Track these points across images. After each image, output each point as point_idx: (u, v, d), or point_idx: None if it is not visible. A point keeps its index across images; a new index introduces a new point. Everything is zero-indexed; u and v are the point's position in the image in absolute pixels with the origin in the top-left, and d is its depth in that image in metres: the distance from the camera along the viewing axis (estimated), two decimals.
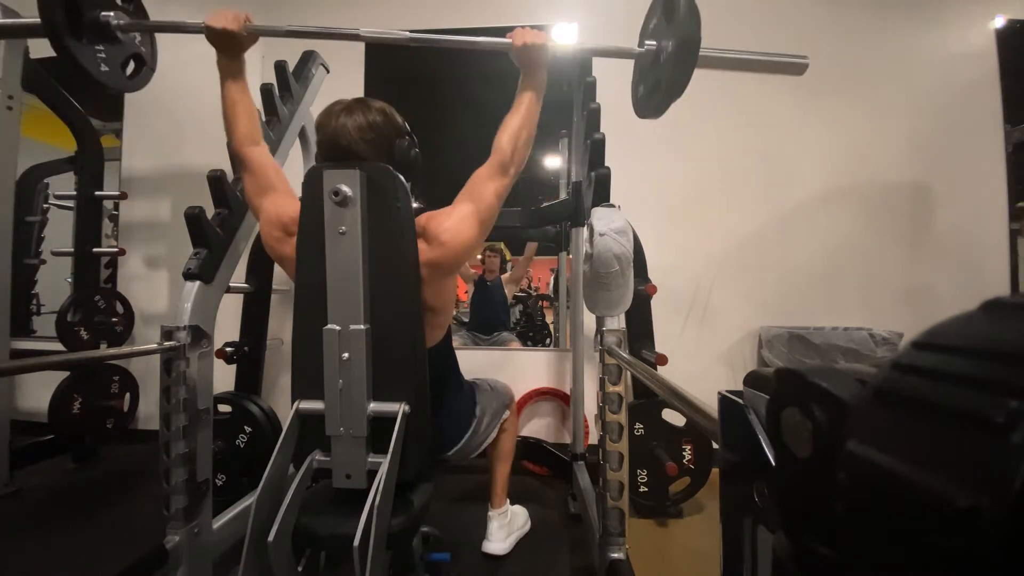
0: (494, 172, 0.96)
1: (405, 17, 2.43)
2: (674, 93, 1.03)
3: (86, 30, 1.08)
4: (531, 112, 1.01)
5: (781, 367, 0.26)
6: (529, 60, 1.00)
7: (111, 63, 1.16)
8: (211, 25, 0.99)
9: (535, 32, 0.99)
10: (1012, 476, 0.12)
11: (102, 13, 1.10)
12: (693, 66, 0.99)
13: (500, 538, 1.42)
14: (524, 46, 0.98)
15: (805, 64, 1.09)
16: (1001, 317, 0.16)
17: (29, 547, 1.48)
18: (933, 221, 2.20)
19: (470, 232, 0.93)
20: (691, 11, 0.97)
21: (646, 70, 1.12)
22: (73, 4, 1.05)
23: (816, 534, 0.21)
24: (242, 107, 1.03)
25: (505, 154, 0.96)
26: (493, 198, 0.96)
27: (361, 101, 0.93)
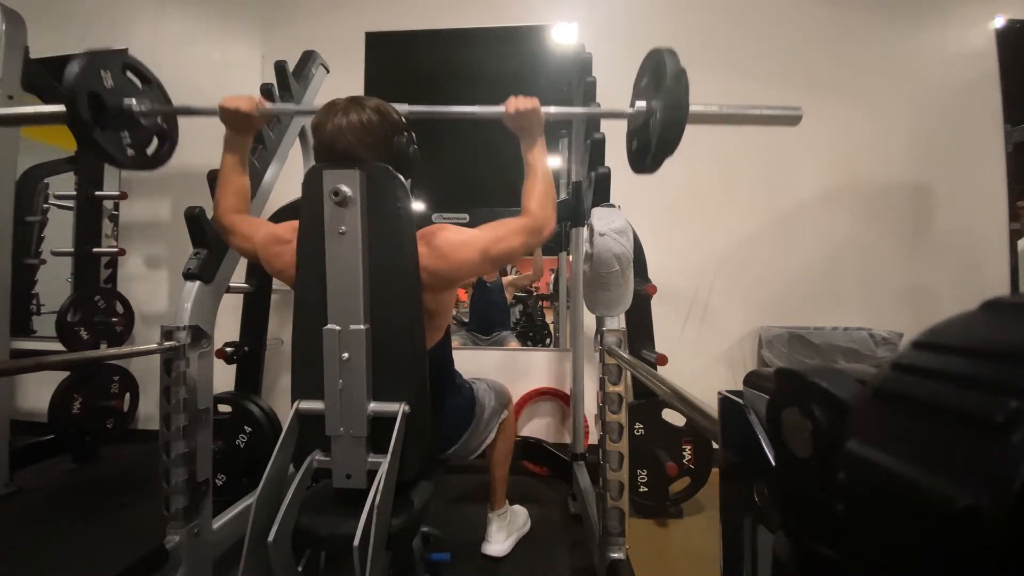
0: (527, 230, 0.98)
1: (406, 17, 2.43)
2: (666, 152, 1.06)
3: (111, 120, 1.13)
4: (546, 173, 1.04)
5: (781, 367, 0.26)
6: (522, 124, 1.04)
7: (136, 146, 1.21)
8: (225, 106, 1.04)
9: (526, 98, 1.03)
10: (1012, 476, 0.12)
11: (125, 101, 1.16)
12: (683, 128, 1.02)
13: (500, 539, 1.42)
14: (516, 112, 1.03)
15: (798, 116, 1.13)
16: (1001, 317, 0.16)
17: (29, 547, 1.48)
18: (933, 221, 2.20)
19: (468, 257, 0.94)
20: (678, 78, 1.00)
21: (639, 129, 1.15)
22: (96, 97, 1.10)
23: (816, 534, 0.21)
24: (236, 184, 1.07)
25: (538, 218, 0.98)
26: (520, 247, 0.97)
27: (355, 101, 0.92)
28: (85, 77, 1.07)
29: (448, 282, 0.97)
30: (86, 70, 1.07)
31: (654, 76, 1.07)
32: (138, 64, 1.22)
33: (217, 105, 1.05)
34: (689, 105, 1.01)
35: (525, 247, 0.98)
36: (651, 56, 1.09)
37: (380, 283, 0.88)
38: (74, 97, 1.05)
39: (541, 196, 1.00)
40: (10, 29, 1.77)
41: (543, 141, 1.06)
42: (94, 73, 1.09)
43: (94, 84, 1.09)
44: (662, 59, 1.02)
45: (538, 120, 1.04)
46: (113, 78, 1.14)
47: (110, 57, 1.15)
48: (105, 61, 1.13)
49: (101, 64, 1.11)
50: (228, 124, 1.06)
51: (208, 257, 1.28)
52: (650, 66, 1.10)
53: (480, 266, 0.96)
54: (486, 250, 0.94)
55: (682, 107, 1.00)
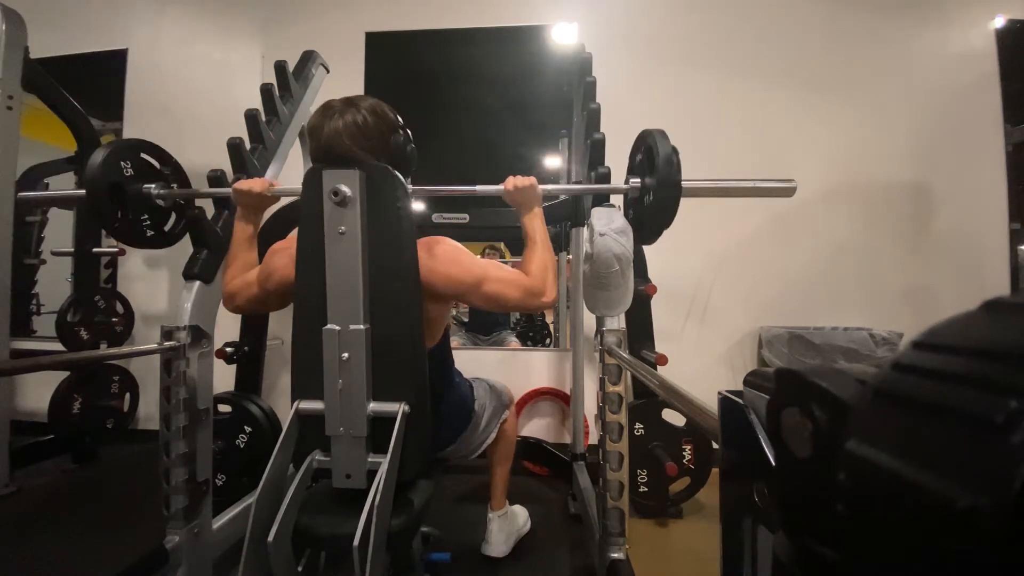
0: (527, 290, 0.98)
1: (406, 15, 2.42)
2: (662, 228, 1.12)
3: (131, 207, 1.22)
4: (547, 248, 1.07)
5: (781, 367, 0.26)
6: (520, 200, 1.11)
7: (155, 227, 1.29)
8: (239, 188, 1.10)
9: (523, 177, 1.10)
10: (1012, 476, 0.12)
11: (143, 187, 1.24)
12: (676, 207, 1.08)
13: (500, 540, 1.42)
14: (515, 188, 1.10)
15: (793, 188, 1.16)
16: (1001, 317, 0.16)
17: (29, 547, 1.48)
18: (933, 221, 2.20)
19: (462, 276, 0.94)
20: (668, 160, 1.05)
21: (635, 201, 1.20)
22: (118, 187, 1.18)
23: (816, 534, 0.21)
24: (245, 262, 1.11)
25: (537, 282, 1.00)
26: (513, 300, 0.98)
27: (350, 102, 0.91)
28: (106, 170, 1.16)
29: (439, 295, 0.96)
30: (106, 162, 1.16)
31: (647, 156, 1.11)
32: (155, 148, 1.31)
33: (231, 188, 1.12)
34: (681, 183, 1.06)
35: (517, 304, 0.99)
36: (643, 137, 1.15)
37: (380, 283, 0.88)
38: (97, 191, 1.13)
39: (541, 267, 1.02)
40: (10, 29, 1.77)
41: (540, 211, 1.12)
42: (114, 164, 1.18)
43: (115, 175, 1.18)
44: (653, 141, 1.07)
45: (535, 196, 1.11)
46: (132, 167, 1.23)
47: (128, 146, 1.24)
48: (124, 151, 1.22)
49: (120, 155, 1.20)
50: (241, 204, 1.11)
51: (208, 257, 1.28)
52: (643, 146, 1.15)
53: (467, 293, 0.96)
54: (480, 281, 0.95)
55: (674, 188, 1.05)
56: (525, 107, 2.64)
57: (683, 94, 2.24)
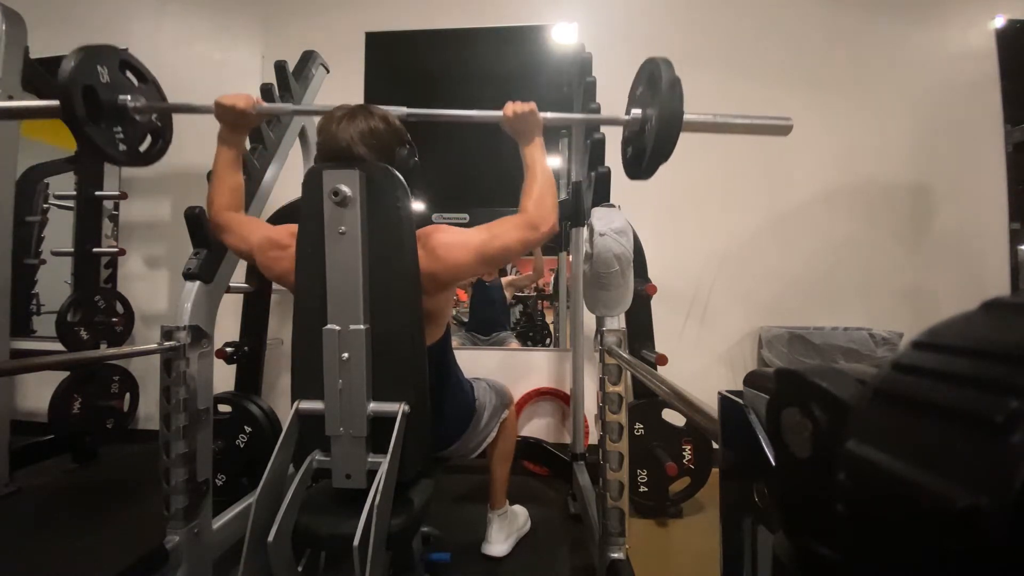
0: (523, 225, 0.97)
1: (406, 15, 2.43)
2: (660, 159, 1.08)
3: (105, 115, 1.13)
4: (546, 175, 1.04)
5: (781, 367, 0.26)
6: (520, 128, 1.07)
7: (129, 142, 1.21)
8: (222, 103, 1.04)
9: (523, 103, 1.06)
10: (1012, 476, 0.12)
11: (119, 97, 1.15)
12: (677, 136, 1.04)
13: (500, 539, 1.42)
14: (514, 115, 1.05)
15: (789, 126, 1.15)
16: (1001, 317, 0.16)
17: (29, 547, 1.48)
18: (933, 221, 2.20)
19: (464, 258, 0.94)
20: (672, 86, 1.02)
21: (633, 136, 1.16)
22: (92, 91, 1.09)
23: (816, 534, 0.21)
24: (231, 182, 1.07)
25: (533, 216, 0.98)
26: (516, 244, 0.96)
27: (363, 108, 0.95)
28: (81, 71, 1.07)
29: (444, 284, 0.97)
30: (82, 64, 1.07)
31: (649, 85, 1.09)
32: (135, 62, 1.21)
33: (213, 103, 1.05)
34: (684, 113, 1.02)
35: (521, 244, 0.97)
36: (646, 65, 1.11)
37: (380, 283, 0.88)
38: (69, 90, 1.05)
39: (538, 195, 1.00)
40: (10, 29, 1.77)
41: (541, 142, 1.07)
42: (90, 68, 1.09)
43: (90, 78, 1.09)
44: (657, 68, 1.04)
45: (536, 123, 1.06)
46: (110, 74, 1.14)
47: (107, 53, 1.14)
48: (102, 56, 1.12)
49: (98, 59, 1.11)
50: (224, 122, 1.06)
51: (208, 257, 1.28)
52: (645, 75, 1.11)
53: (476, 267, 0.96)
54: (481, 250, 0.94)
55: (676, 115, 1.02)
56: None
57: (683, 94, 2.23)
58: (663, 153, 1.06)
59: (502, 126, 1.08)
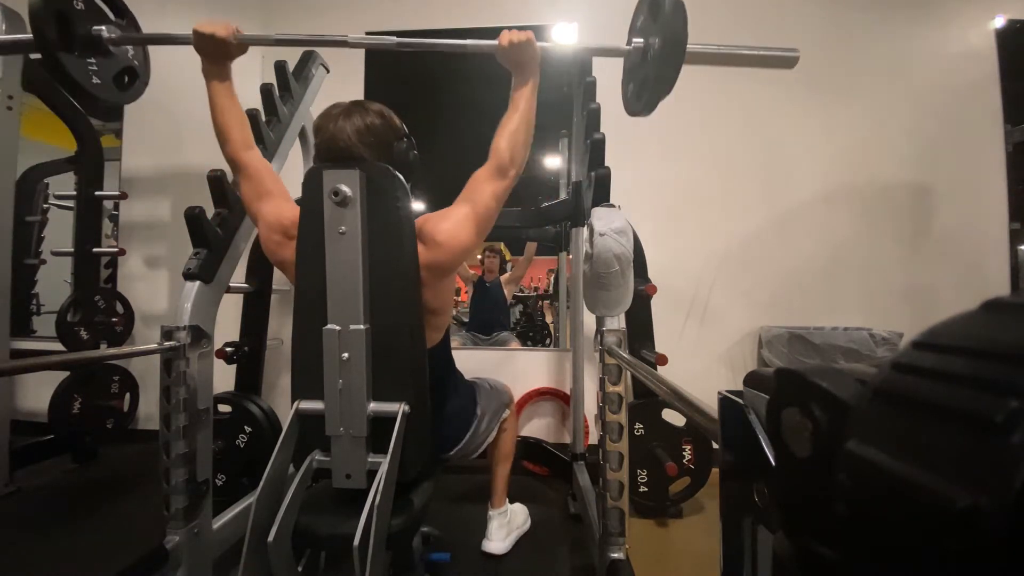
0: (492, 174, 0.96)
1: (406, 15, 2.43)
2: (662, 90, 1.02)
3: (78, 44, 1.08)
4: (527, 111, 1.00)
5: (781, 367, 0.26)
6: (517, 58, 1.00)
7: (103, 76, 1.17)
8: (200, 31, 0.98)
9: (520, 32, 0.99)
10: (1012, 476, 0.12)
11: (94, 27, 1.11)
12: (680, 63, 0.98)
13: (500, 537, 1.42)
14: (510, 44, 0.98)
15: (795, 57, 1.08)
16: (1001, 317, 0.16)
17: (29, 547, 1.48)
18: (933, 221, 2.20)
19: (467, 234, 0.93)
20: (676, 8, 0.96)
21: (635, 68, 1.11)
22: (65, 19, 1.05)
23: (816, 534, 0.21)
24: (233, 113, 1.02)
25: (503, 157, 0.96)
26: (491, 200, 0.95)
27: (359, 104, 0.93)
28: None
29: (447, 270, 0.96)
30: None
31: (651, 11, 1.03)
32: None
33: (191, 30, 1.00)
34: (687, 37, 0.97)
35: (495, 199, 0.95)
36: None
37: (380, 283, 0.88)
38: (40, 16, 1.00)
39: (512, 132, 0.97)
40: (10, 29, 1.77)
41: (535, 83, 1.02)
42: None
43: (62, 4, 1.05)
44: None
45: (533, 54, 0.99)
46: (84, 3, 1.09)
47: None
48: None
49: None
50: (203, 53, 1.00)
51: (208, 257, 1.28)
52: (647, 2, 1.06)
53: (476, 240, 0.95)
54: (472, 219, 0.93)
55: (680, 39, 0.96)
56: None
57: (683, 94, 2.22)
58: (665, 82, 1.00)
59: (497, 58, 1.02)
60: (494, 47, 1.01)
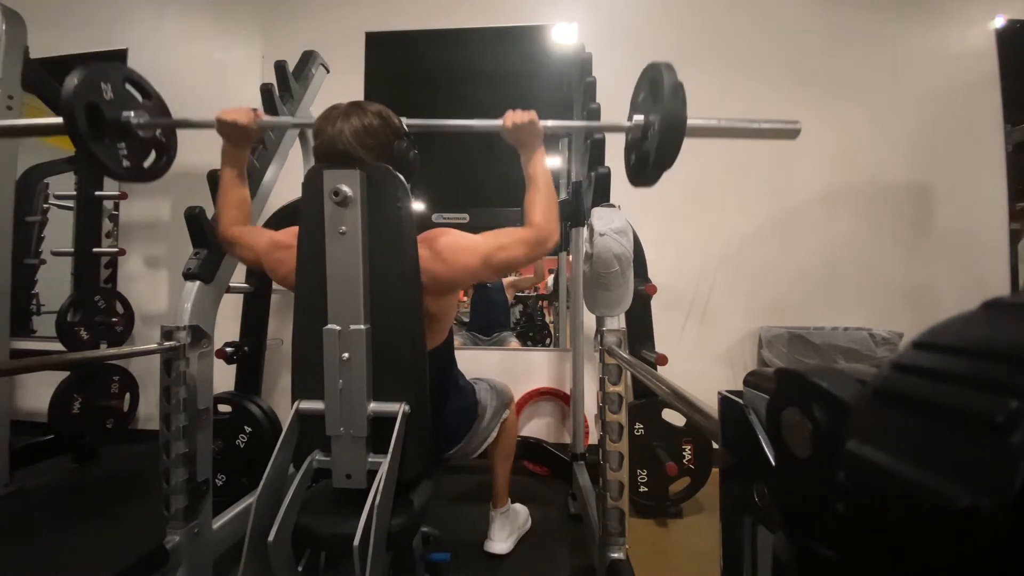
0: (532, 242, 0.97)
1: (406, 15, 2.42)
2: (664, 166, 1.06)
3: (108, 132, 1.13)
4: (548, 184, 1.03)
5: (781, 367, 0.26)
6: (521, 138, 1.05)
7: (132, 158, 1.21)
8: (223, 119, 1.05)
9: (523, 112, 1.04)
10: (1012, 476, 0.12)
11: (123, 113, 1.16)
12: (680, 141, 1.03)
13: (502, 537, 1.42)
14: (514, 125, 1.04)
15: (797, 129, 1.13)
16: (1001, 317, 0.16)
17: (29, 547, 1.48)
18: (933, 221, 2.20)
19: (470, 262, 0.94)
20: (675, 91, 1.00)
21: (636, 142, 1.15)
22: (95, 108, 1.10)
23: (816, 534, 0.21)
24: (237, 197, 1.07)
25: (542, 230, 0.97)
26: (522, 258, 0.97)
27: (357, 105, 0.93)
28: (84, 88, 1.07)
29: (448, 287, 0.97)
30: (86, 81, 1.08)
31: (651, 90, 1.07)
32: (139, 77, 1.22)
33: (215, 118, 1.06)
34: (687, 119, 1.01)
35: (527, 258, 0.98)
36: (648, 71, 1.10)
37: (380, 283, 0.88)
38: (72, 107, 1.05)
39: (544, 208, 1.00)
40: (10, 29, 1.77)
41: (543, 152, 1.06)
42: (94, 84, 1.10)
43: (93, 95, 1.10)
44: (659, 73, 1.03)
45: (536, 132, 1.05)
46: (113, 90, 1.14)
47: (111, 69, 1.15)
48: (106, 73, 1.13)
49: (101, 76, 1.12)
50: (226, 137, 1.07)
51: (208, 257, 1.28)
52: (647, 80, 1.10)
53: (480, 273, 0.96)
54: (488, 257, 0.94)
55: (680, 120, 1.01)
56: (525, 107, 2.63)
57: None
58: (666, 159, 1.05)
59: (502, 135, 1.07)
60: (498, 127, 1.06)
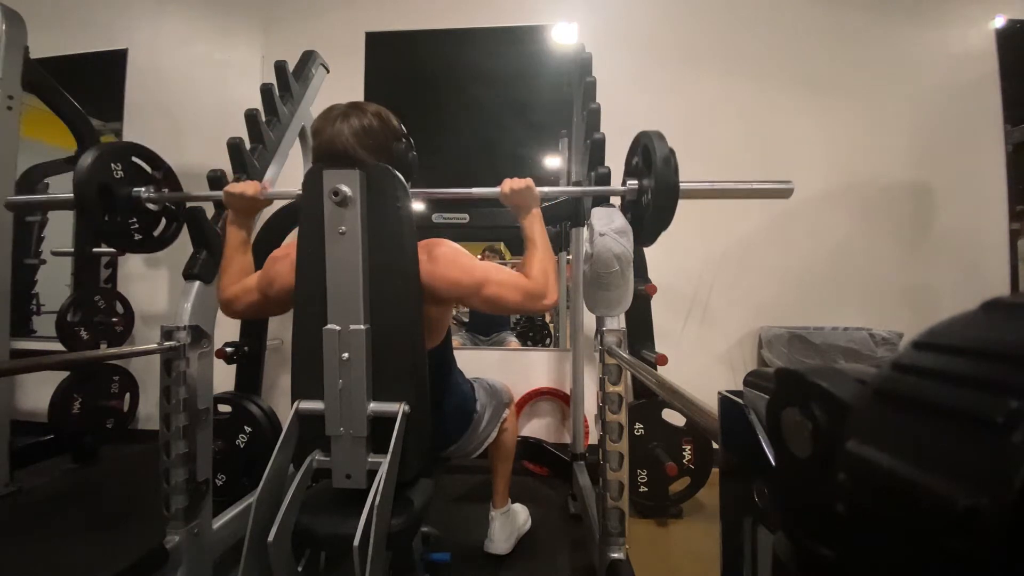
0: (528, 293, 0.98)
1: (406, 15, 2.42)
2: (660, 229, 1.11)
3: (119, 208, 1.19)
4: (547, 250, 1.06)
5: (781, 367, 0.26)
6: (518, 202, 1.10)
7: (143, 231, 1.27)
8: (231, 192, 1.08)
9: (519, 180, 1.10)
10: (1012, 476, 0.12)
11: (134, 190, 1.22)
12: (675, 205, 1.06)
13: (502, 538, 1.42)
14: (511, 191, 1.09)
15: (790, 189, 1.14)
16: (1001, 317, 0.16)
17: (29, 547, 1.48)
18: (933, 221, 2.20)
19: (462, 279, 0.94)
20: (667, 161, 1.03)
21: (632, 204, 1.19)
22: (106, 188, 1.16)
23: (816, 534, 0.21)
24: (240, 264, 1.09)
25: (540, 285, 0.99)
26: (512, 304, 0.98)
27: (356, 106, 0.93)
28: (96, 170, 1.13)
29: (438, 298, 0.96)
30: (97, 163, 1.14)
31: (644, 158, 1.10)
32: (147, 152, 1.28)
33: (223, 192, 1.10)
34: (679, 185, 1.04)
35: (518, 307, 0.99)
36: (640, 138, 1.13)
37: (380, 283, 0.88)
38: (84, 190, 1.11)
39: (542, 269, 1.02)
40: (10, 29, 1.77)
41: (539, 214, 1.11)
42: (104, 165, 1.16)
43: (104, 176, 1.16)
44: (651, 142, 1.06)
45: (532, 197, 1.10)
46: (123, 169, 1.20)
47: (120, 149, 1.22)
48: (115, 153, 1.20)
49: (111, 156, 1.18)
50: (233, 208, 1.10)
51: (208, 257, 1.28)
52: (639, 148, 1.13)
53: (469, 294, 0.96)
54: (481, 284, 0.95)
55: (672, 189, 1.04)
56: (525, 107, 2.64)
57: (683, 94, 2.24)
58: (662, 223, 1.09)
59: (501, 200, 1.12)
60: (496, 193, 1.12)
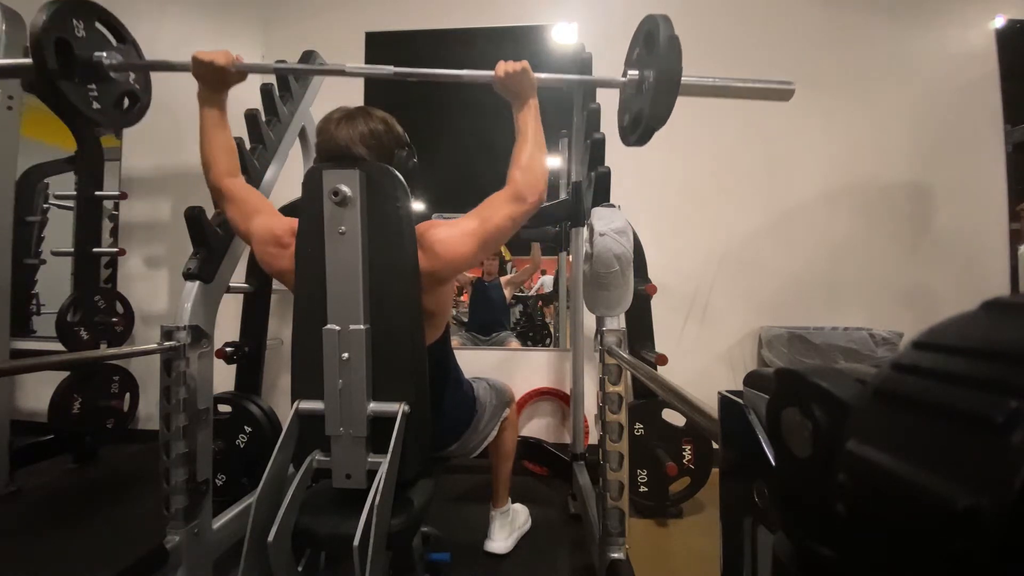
0: (510, 199, 0.96)
1: (406, 15, 2.42)
2: (656, 123, 1.04)
3: (78, 71, 1.08)
4: (535, 135, 1.01)
5: (781, 367, 0.26)
6: (513, 88, 1.03)
7: (103, 101, 1.16)
8: (200, 58, 1.00)
9: (515, 62, 1.03)
10: (1012, 476, 0.12)
11: (95, 53, 1.10)
12: (674, 97, 1.00)
13: (502, 537, 1.42)
14: (505, 74, 1.02)
15: (791, 89, 1.10)
16: (1001, 317, 0.16)
17: (29, 547, 1.48)
18: (933, 221, 2.20)
19: (466, 249, 0.93)
20: (671, 43, 0.98)
21: (630, 99, 1.13)
22: (66, 45, 1.04)
23: (816, 534, 0.21)
24: (221, 141, 1.03)
25: (519, 185, 0.96)
26: (506, 221, 0.95)
27: (363, 109, 0.94)
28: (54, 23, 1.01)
29: (444, 279, 0.97)
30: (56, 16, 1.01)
31: (646, 43, 1.04)
32: (114, 20, 1.16)
33: (191, 58, 1.01)
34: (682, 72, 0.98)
35: (511, 220, 0.96)
36: (644, 23, 1.07)
37: (380, 283, 0.88)
38: (41, 42, 0.99)
39: (527, 160, 0.98)
40: (10, 29, 1.77)
41: (535, 103, 1.04)
42: (65, 20, 1.04)
43: (63, 31, 1.04)
44: (656, 25, 1.00)
45: (529, 83, 1.03)
46: (85, 29, 1.09)
47: (83, 6, 1.09)
48: (78, 10, 1.07)
49: (73, 12, 1.06)
50: (202, 80, 1.02)
51: (208, 257, 1.28)
52: (642, 34, 1.07)
53: (477, 255, 0.95)
54: (478, 236, 0.93)
55: (674, 73, 0.98)
56: None
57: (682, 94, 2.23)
58: (660, 115, 1.02)
59: (494, 87, 1.05)
60: (490, 77, 1.04)
